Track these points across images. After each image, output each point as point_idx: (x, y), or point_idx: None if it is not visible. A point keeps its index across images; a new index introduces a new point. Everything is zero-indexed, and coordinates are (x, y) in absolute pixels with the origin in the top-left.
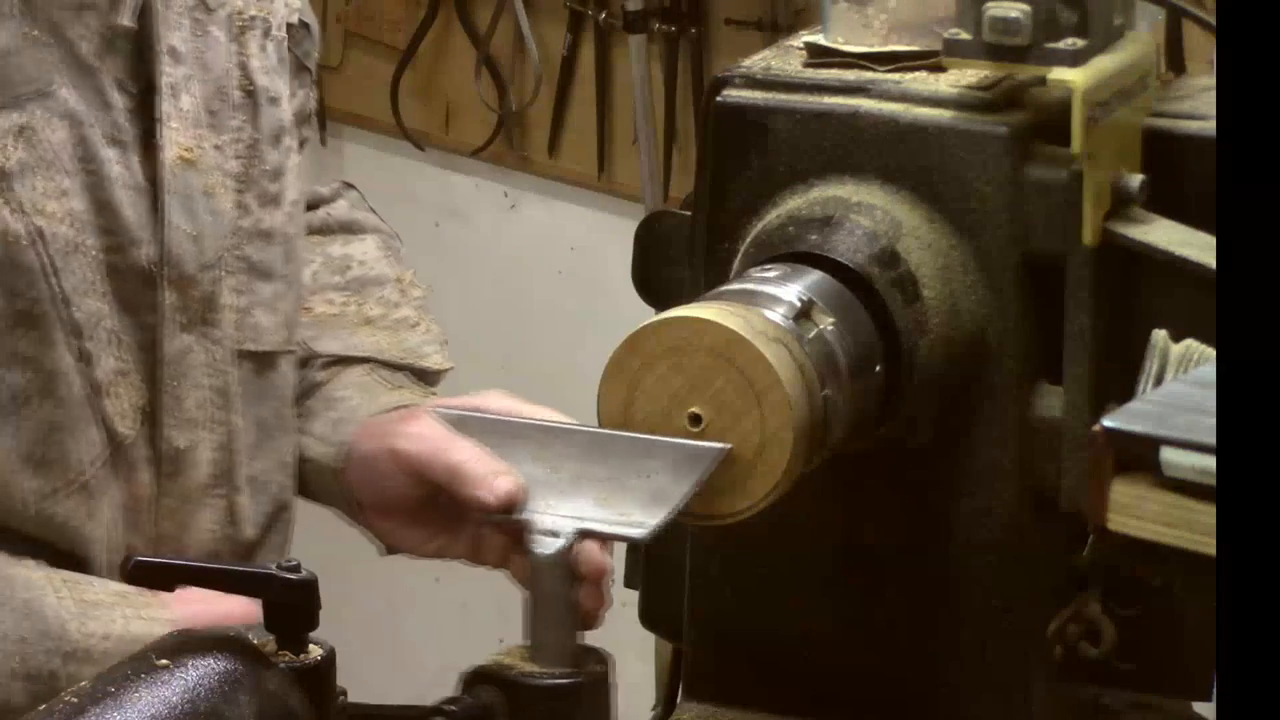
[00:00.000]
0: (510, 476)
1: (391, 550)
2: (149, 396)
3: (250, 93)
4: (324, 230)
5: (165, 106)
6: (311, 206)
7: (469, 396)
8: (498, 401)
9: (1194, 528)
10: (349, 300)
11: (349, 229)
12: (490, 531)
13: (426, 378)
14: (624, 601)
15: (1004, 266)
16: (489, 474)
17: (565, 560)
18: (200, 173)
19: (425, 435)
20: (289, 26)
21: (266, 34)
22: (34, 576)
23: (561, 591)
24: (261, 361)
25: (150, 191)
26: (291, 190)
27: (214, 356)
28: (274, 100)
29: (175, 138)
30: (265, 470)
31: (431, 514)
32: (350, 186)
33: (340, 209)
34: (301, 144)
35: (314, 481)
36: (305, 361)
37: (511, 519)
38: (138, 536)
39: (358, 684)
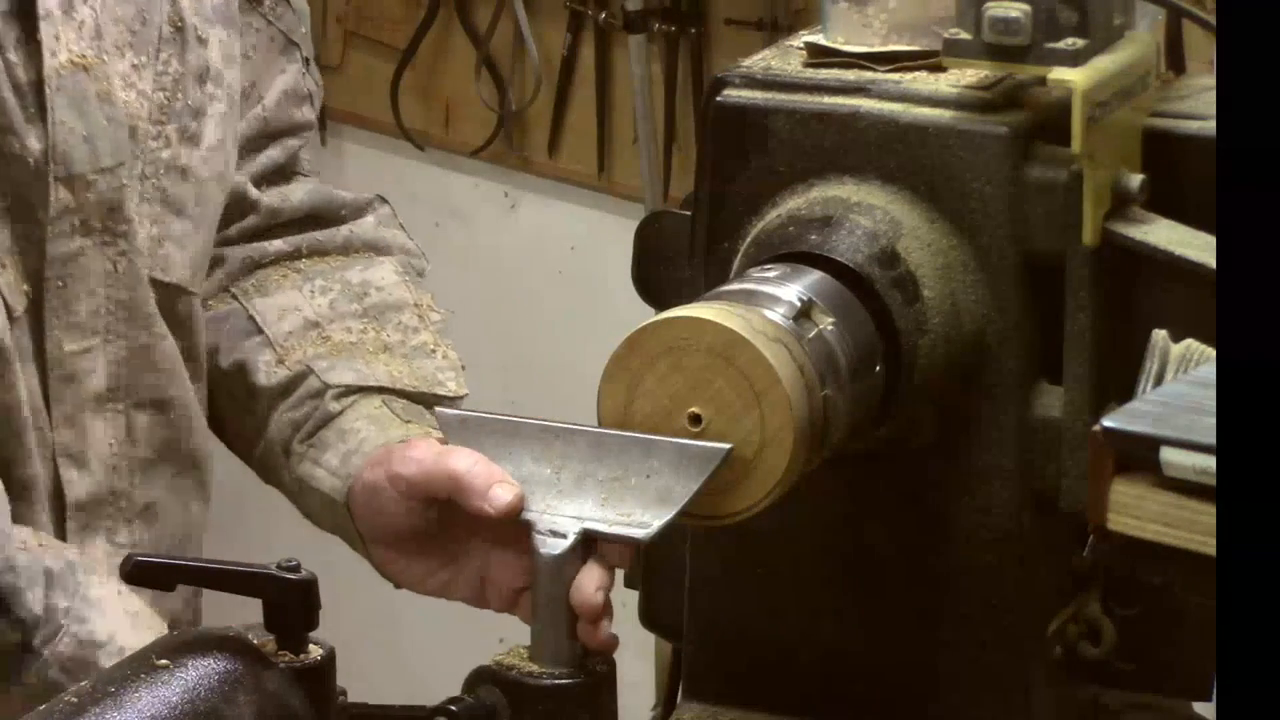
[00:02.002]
0: (509, 486)
1: (400, 585)
2: (34, 295)
3: (179, 28)
4: (346, 250)
5: (49, 5)
6: (327, 213)
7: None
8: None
9: (1194, 528)
10: (367, 327)
11: (374, 248)
12: (499, 573)
13: (442, 405)
14: (624, 602)
15: (1004, 266)
16: (488, 483)
17: (568, 561)
18: (95, 79)
19: (422, 455)
20: None
21: None
22: None
23: (563, 592)
24: (168, 293)
25: (38, 89)
26: (211, 135)
27: (117, 268)
28: (202, 40)
29: (68, 44)
30: (178, 398)
31: (433, 545)
32: (384, 201)
33: (366, 226)
34: (301, 128)
35: (323, 514)
36: (317, 392)
37: (517, 520)
38: (31, 437)
39: (358, 684)
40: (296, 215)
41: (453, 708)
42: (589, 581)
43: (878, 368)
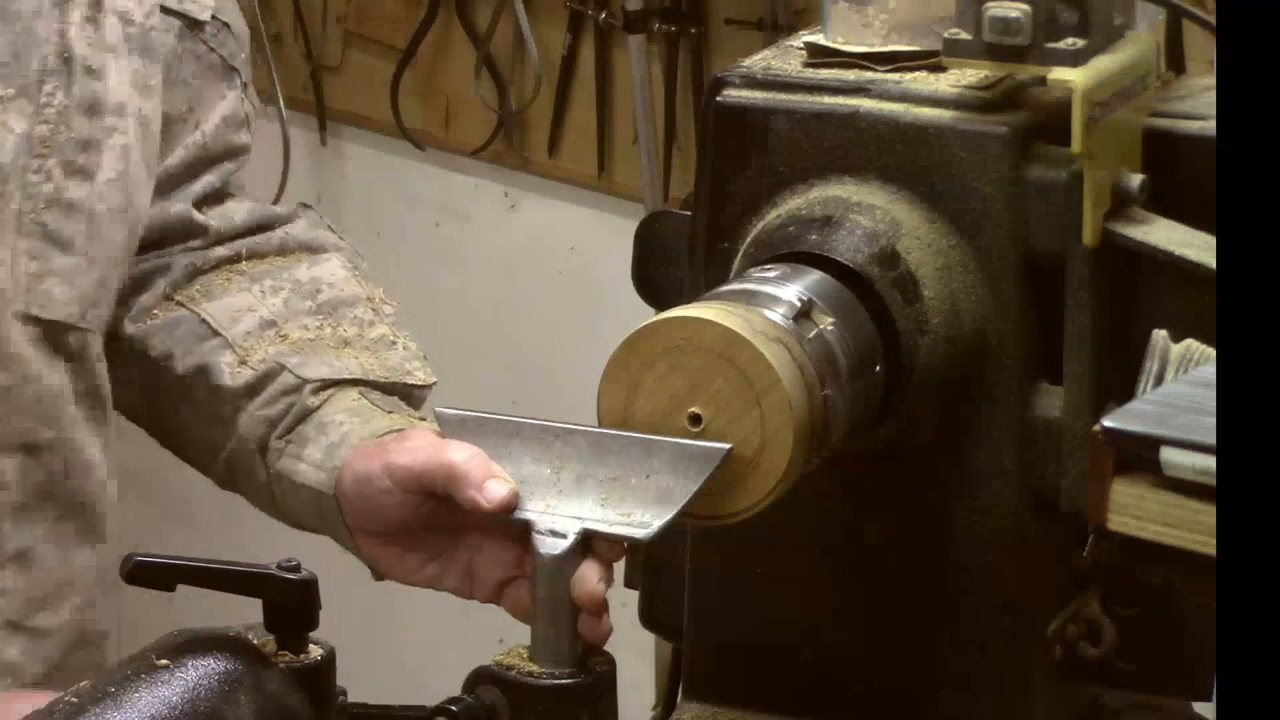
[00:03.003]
0: (503, 482)
1: (380, 577)
2: None
3: (67, 60)
4: (284, 251)
5: None
6: (267, 227)
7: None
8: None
9: (1194, 528)
10: (323, 324)
11: (309, 248)
12: (484, 565)
13: (412, 396)
14: (624, 601)
15: (1004, 266)
16: (483, 477)
17: (568, 560)
18: None
19: (420, 445)
20: (198, 22)
21: (97, 7)
22: None
23: (564, 592)
24: (52, 330)
25: None
26: (109, 168)
27: None
28: (94, 72)
29: None
30: (57, 439)
31: (424, 537)
32: (307, 207)
33: (299, 229)
34: (238, 152)
35: (307, 508)
36: (294, 388)
37: (513, 519)
38: None
39: (358, 684)
40: (239, 234)
41: (453, 708)
42: (591, 574)
43: (878, 368)
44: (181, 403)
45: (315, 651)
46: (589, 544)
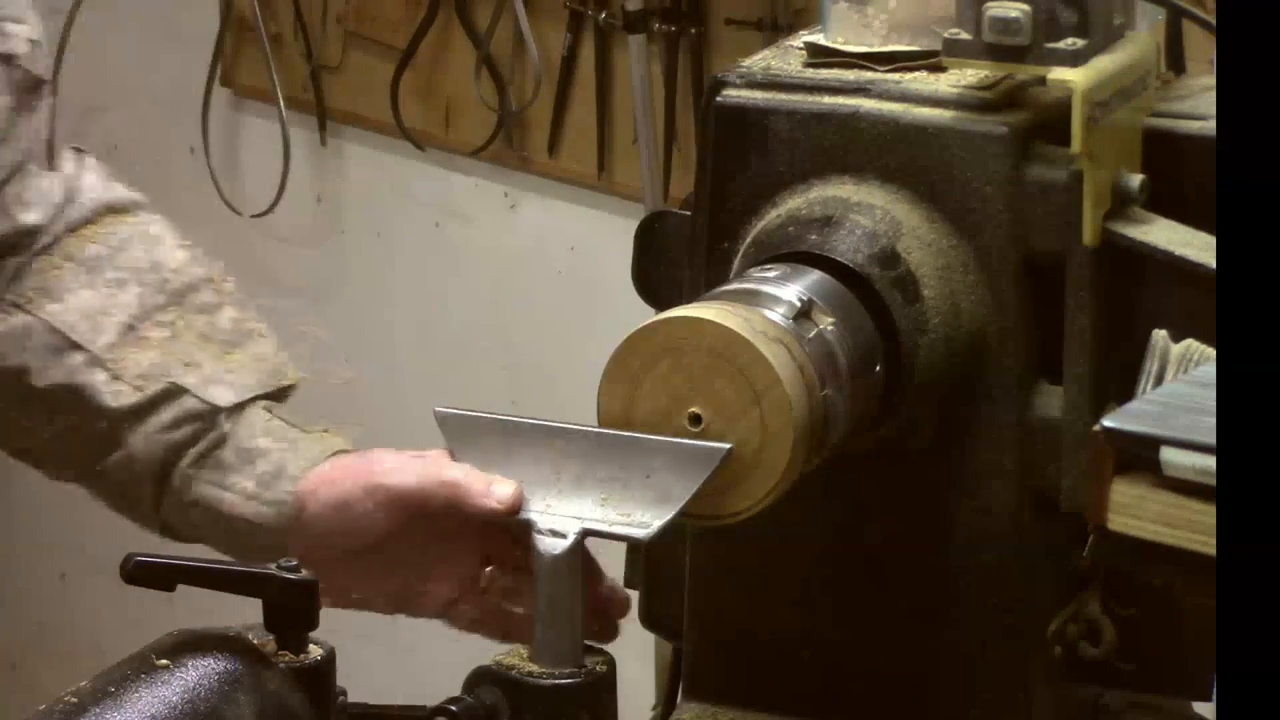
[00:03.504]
0: (506, 482)
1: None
2: None
3: None
4: (94, 218)
5: None
6: (70, 200)
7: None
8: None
9: (1194, 528)
10: (176, 319)
11: (113, 208)
12: (437, 582)
13: (287, 395)
14: None
15: (1004, 266)
16: (488, 484)
17: (569, 560)
18: None
19: (405, 466)
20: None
21: None
22: None
23: (565, 592)
24: None
25: None
26: None
27: None
28: None
29: None
30: None
31: (392, 553)
32: (80, 151)
33: (91, 185)
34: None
35: (228, 535)
36: (201, 414)
37: (518, 519)
38: None
39: (358, 684)
40: (50, 219)
41: (453, 708)
42: (602, 576)
43: (878, 368)
44: (38, 413)
45: (315, 651)
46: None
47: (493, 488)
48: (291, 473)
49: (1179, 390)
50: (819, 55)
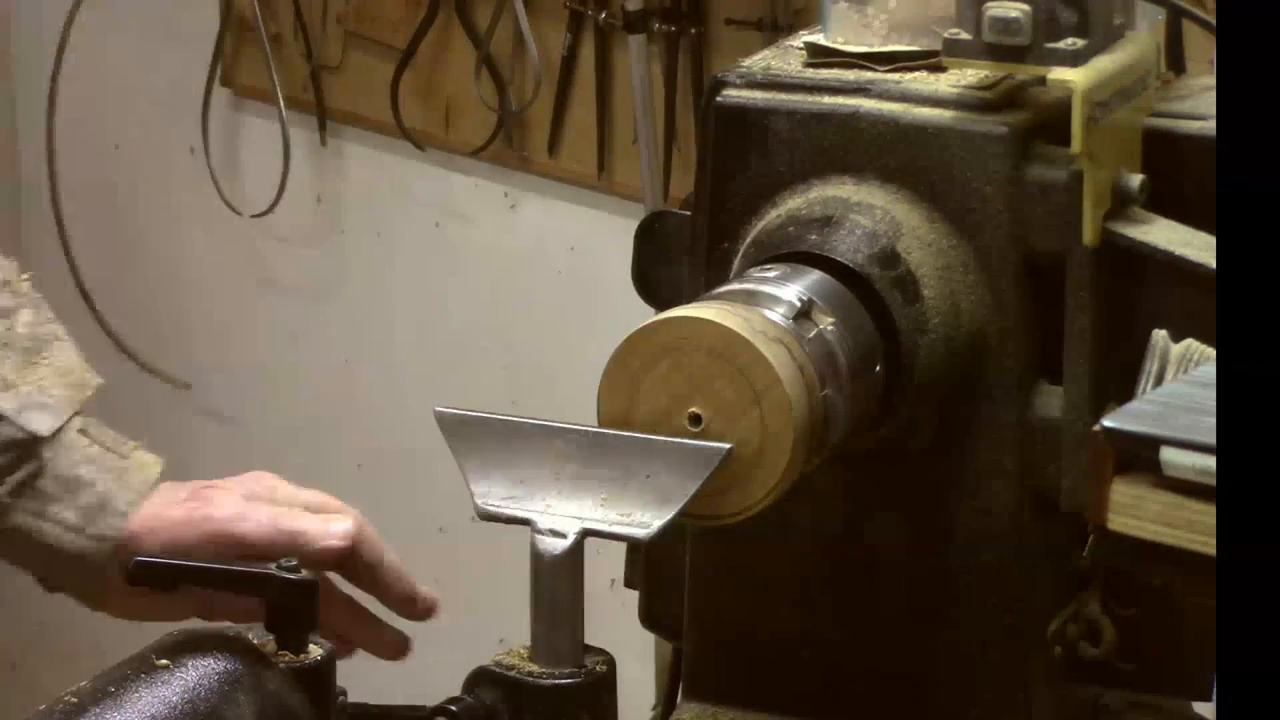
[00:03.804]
0: (340, 518)
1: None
2: None
3: None
4: None
5: None
6: None
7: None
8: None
9: (1194, 528)
10: None
11: None
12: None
13: (90, 403)
14: (624, 602)
15: (1004, 266)
16: (323, 526)
17: (569, 560)
18: None
19: (252, 513)
20: None
21: None
22: None
23: (565, 592)
24: None
25: None
26: None
27: None
28: None
29: None
30: None
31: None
32: None
33: None
34: None
35: (44, 563)
36: (19, 442)
37: (513, 519)
38: None
39: (358, 684)
40: None
41: (453, 708)
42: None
43: (878, 368)
44: None
45: (315, 651)
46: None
47: (330, 526)
48: (119, 507)
49: (1179, 390)
50: (819, 55)
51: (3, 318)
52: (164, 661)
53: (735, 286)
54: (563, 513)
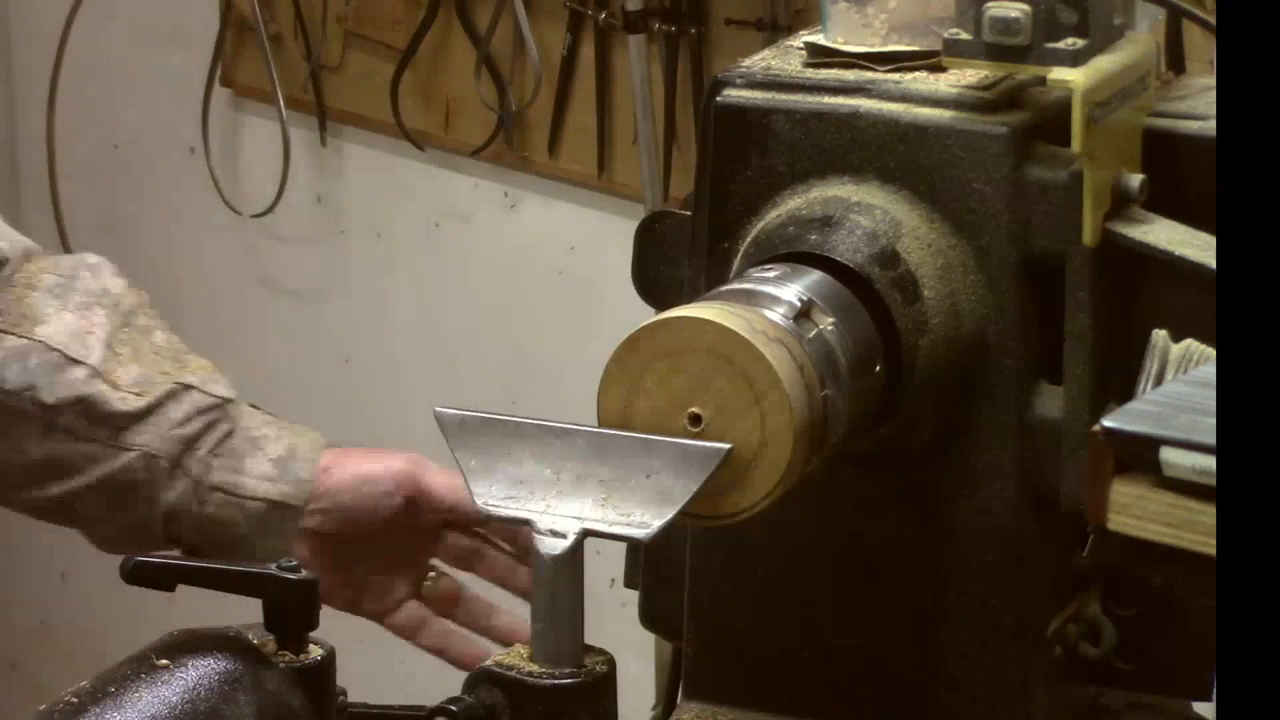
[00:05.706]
0: None
1: None
2: None
3: None
4: (30, 257)
5: None
6: None
7: None
8: None
9: (1194, 528)
10: (129, 338)
11: (32, 252)
12: (392, 581)
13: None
14: (624, 601)
15: (1004, 266)
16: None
17: (569, 560)
18: None
19: (429, 464)
20: None
21: None
22: None
23: (565, 591)
24: None
25: None
26: None
27: None
28: None
29: None
30: None
31: (381, 544)
32: None
33: (4, 233)
34: None
35: (243, 517)
36: (211, 406)
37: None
38: None
39: (358, 684)
40: None
41: (453, 708)
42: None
43: (878, 368)
44: (34, 430)
45: (315, 651)
46: None
47: None
48: (307, 454)
49: (1179, 390)
50: (819, 55)
51: (147, 334)
52: (164, 661)
53: (735, 286)
54: (563, 513)
